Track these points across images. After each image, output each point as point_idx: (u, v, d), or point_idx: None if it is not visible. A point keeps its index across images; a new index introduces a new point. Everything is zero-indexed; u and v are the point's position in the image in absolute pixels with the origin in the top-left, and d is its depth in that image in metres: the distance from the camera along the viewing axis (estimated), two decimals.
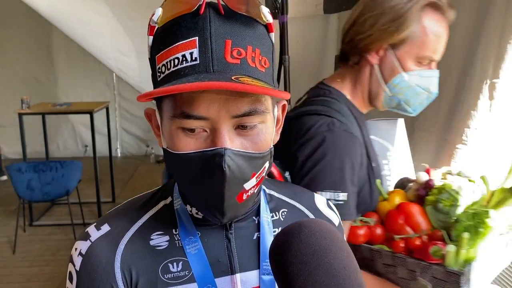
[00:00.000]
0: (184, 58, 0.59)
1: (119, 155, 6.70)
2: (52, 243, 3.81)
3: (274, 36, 0.67)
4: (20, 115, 4.12)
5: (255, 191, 0.65)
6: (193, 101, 0.59)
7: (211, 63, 0.59)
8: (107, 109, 4.78)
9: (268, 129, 0.64)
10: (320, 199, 0.85)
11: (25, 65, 6.13)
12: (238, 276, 0.71)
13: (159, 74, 0.62)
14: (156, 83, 0.64)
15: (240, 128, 0.61)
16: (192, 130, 0.60)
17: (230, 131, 0.60)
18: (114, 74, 5.87)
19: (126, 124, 6.69)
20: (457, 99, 1.50)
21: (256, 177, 0.63)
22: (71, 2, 2.13)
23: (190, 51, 0.59)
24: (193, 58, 0.59)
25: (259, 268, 0.72)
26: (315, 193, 0.86)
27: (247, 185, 0.63)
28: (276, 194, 0.81)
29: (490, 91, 1.34)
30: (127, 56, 2.35)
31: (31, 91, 5.44)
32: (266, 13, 0.64)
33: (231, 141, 0.60)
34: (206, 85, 0.55)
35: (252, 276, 0.72)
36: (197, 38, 0.59)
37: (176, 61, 0.60)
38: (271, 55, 0.65)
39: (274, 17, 1.90)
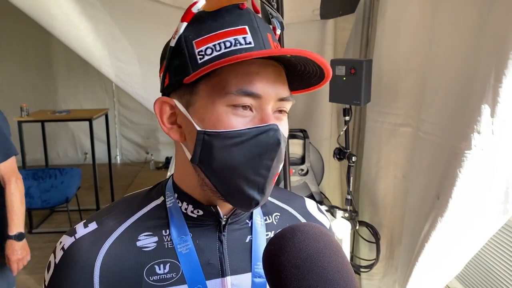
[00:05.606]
0: (237, 41, 0.61)
1: (118, 162, 6.71)
2: (51, 251, 3.79)
3: None
4: (20, 122, 4.13)
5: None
6: (250, 80, 0.60)
7: (264, 47, 0.62)
8: (107, 116, 4.79)
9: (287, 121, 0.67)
10: (311, 203, 0.85)
11: (25, 72, 6.15)
12: (229, 278, 0.70)
13: (201, 56, 0.62)
14: (197, 65, 0.63)
15: (278, 112, 0.64)
16: (245, 107, 0.61)
17: (274, 113, 0.63)
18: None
19: (126, 131, 6.70)
20: (463, 102, 1.46)
21: (282, 164, 0.66)
22: (68, 10, 2.14)
23: (242, 36, 0.61)
24: (247, 42, 0.61)
25: (251, 271, 0.71)
26: (305, 198, 0.85)
27: (280, 168, 0.65)
28: (268, 198, 0.80)
29: (493, 95, 1.31)
30: (126, 63, 2.35)
31: (30, 98, 5.46)
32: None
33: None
34: (293, 51, 0.56)
35: (244, 279, 0.71)
36: (246, 26, 0.62)
37: (228, 43, 0.61)
38: None
39: (270, 23, 1.91)
